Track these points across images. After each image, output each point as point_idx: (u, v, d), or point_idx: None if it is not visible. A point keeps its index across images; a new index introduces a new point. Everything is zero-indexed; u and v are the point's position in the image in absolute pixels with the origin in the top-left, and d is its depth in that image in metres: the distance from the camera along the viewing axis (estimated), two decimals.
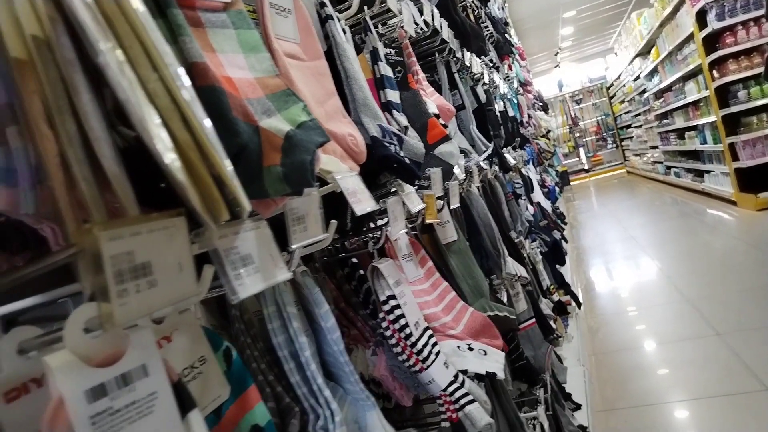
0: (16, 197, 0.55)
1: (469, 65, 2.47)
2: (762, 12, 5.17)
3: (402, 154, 0.98)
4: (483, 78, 2.93)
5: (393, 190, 0.95)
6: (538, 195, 4.39)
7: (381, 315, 0.91)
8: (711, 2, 5.97)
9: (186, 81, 0.40)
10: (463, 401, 0.87)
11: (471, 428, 0.84)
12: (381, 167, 0.95)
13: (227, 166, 0.41)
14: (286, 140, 0.56)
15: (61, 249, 0.51)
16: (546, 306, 2.93)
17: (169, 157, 0.36)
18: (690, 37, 6.71)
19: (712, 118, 6.52)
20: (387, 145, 0.93)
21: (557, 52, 13.88)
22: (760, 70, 4.92)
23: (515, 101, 4.77)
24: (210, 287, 0.53)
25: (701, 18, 6.19)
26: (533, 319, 2.33)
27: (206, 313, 0.77)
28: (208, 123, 0.41)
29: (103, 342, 0.41)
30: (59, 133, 0.42)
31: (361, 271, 1.01)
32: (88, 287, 0.43)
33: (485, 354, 1.01)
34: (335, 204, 0.83)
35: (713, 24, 5.97)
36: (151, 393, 0.43)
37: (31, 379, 0.44)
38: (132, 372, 0.42)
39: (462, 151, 1.96)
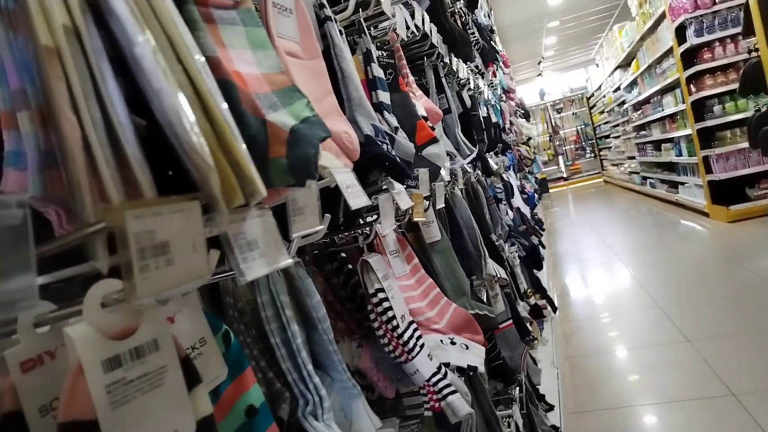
0: (25, 180, 0.57)
1: (456, 70, 2.51)
2: (739, 29, 5.33)
3: (394, 153, 1.01)
4: (469, 83, 2.98)
5: (384, 187, 0.98)
6: (518, 200, 4.47)
7: (369, 307, 0.94)
8: (690, 18, 6.14)
9: (209, 72, 0.43)
10: (445, 391, 0.90)
11: (452, 417, 0.88)
12: (373, 165, 0.98)
13: (245, 152, 0.44)
14: (291, 134, 0.59)
15: (70, 231, 0.53)
16: (523, 309, 2.99)
17: (199, 143, 0.39)
18: (669, 52, 6.89)
19: (687, 131, 6.70)
20: (380, 143, 0.96)
21: (540, 61, 14.09)
22: (736, 85, 5.09)
23: (498, 107, 4.84)
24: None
25: (681, 33, 6.36)
26: (511, 321, 2.38)
27: (200, 300, 0.79)
28: (228, 114, 0.44)
29: (118, 316, 0.44)
30: (83, 118, 0.45)
31: (350, 266, 1.04)
32: (105, 264, 0.46)
33: (467, 348, 1.05)
34: (328, 199, 0.86)
35: (692, 39, 6.14)
36: (162, 366, 0.46)
37: (45, 352, 0.46)
38: (144, 346, 0.45)
39: (447, 154, 2.01)
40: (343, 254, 1.05)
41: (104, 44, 0.44)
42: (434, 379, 0.92)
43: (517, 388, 2.13)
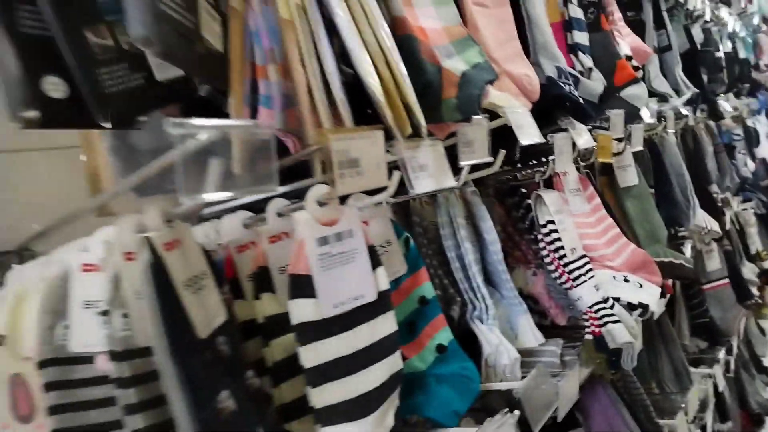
0: (273, 117, 0.79)
1: (683, 2, 2.28)
2: None
3: (576, 94, 1.06)
4: (704, 15, 2.65)
5: (564, 127, 1.04)
6: (764, 150, 3.85)
7: (539, 237, 1.04)
8: None
9: (389, 35, 0.58)
10: (606, 319, 0.97)
11: (611, 343, 0.94)
12: (554, 105, 1.05)
13: (413, 96, 0.59)
14: (462, 78, 0.71)
15: (300, 152, 0.74)
16: (750, 271, 2.68)
17: (377, 87, 0.55)
18: None
19: None
20: (562, 85, 1.02)
21: None
22: None
23: (750, 41, 4.15)
24: (396, 194, 0.72)
25: None
26: (726, 280, 2.20)
27: (394, 217, 0.98)
28: (402, 66, 0.59)
29: (327, 211, 0.63)
30: (307, 70, 0.63)
31: (528, 201, 1.13)
32: (319, 174, 0.65)
33: (641, 287, 1.08)
34: (507, 137, 0.96)
35: None
36: (354, 248, 0.64)
37: (283, 232, 0.68)
38: (343, 232, 0.64)
39: (659, 94, 1.89)
40: (523, 189, 1.15)
41: (322, 17, 0.61)
42: (596, 307, 0.98)
43: (724, 350, 1.99)
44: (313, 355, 0.60)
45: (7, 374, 0.64)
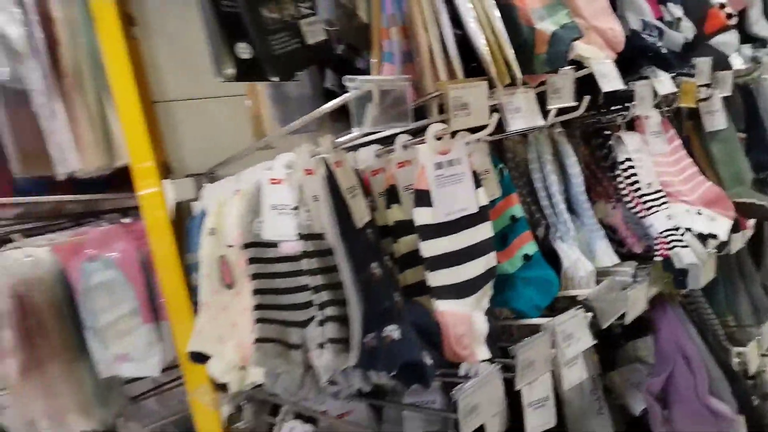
0: (394, 70, 0.99)
1: None
2: None
3: (660, 44, 1.17)
4: None
5: (645, 75, 1.17)
6: None
7: (617, 172, 1.19)
8: None
9: (494, 4, 0.76)
10: (674, 244, 1.11)
11: (678, 263, 1.09)
12: (638, 55, 1.17)
13: (512, 53, 0.77)
14: (552, 36, 0.87)
15: (417, 99, 0.95)
16: None
17: (484, 46, 0.73)
18: None
19: None
20: (645, 37, 1.14)
21: None
22: None
23: None
24: (495, 132, 0.91)
25: None
26: None
27: (491, 151, 1.17)
28: (503, 29, 0.77)
29: (442, 143, 0.84)
30: (429, 33, 0.83)
31: (611, 142, 1.28)
32: (435, 115, 0.85)
33: (713, 220, 1.20)
34: (593, 84, 1.11)
35: None
36: (462, 172, 0.85)
37: (406, 160, 0.90)
38: (454, 160, 0.84)
39: (760, 39, 1.89)
40: (607, 132, 1.28)
41: None
42: (666, 233, 1.13)
43: None
44: (429, 248, 0.82)
45: (216, 255, 0.92)
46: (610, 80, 1.03)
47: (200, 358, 0.94)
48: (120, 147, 1.15)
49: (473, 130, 0.88)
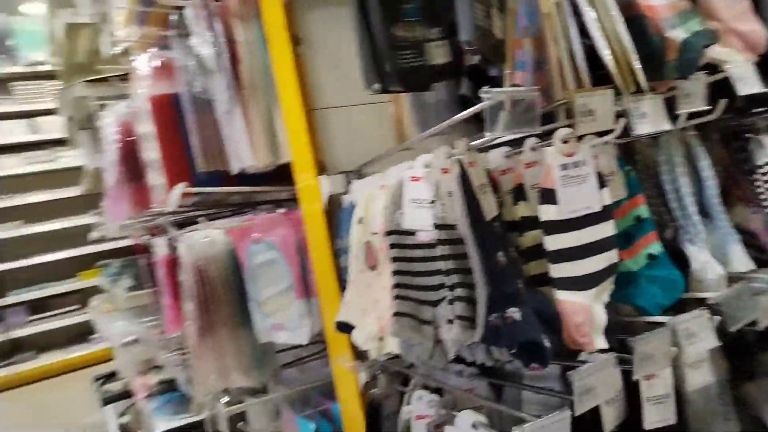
0: (525, 78, 1.07)
1: None
2: None
3: None
4: None
5: None
6: None
7: (756, 176, 1.16)
8: None
9: (620, 19, 0.83)
10: None
11: None
12: None
13: (637, 63, 0.83)
14: (682, 44, 0.91)
15: (546, 105, 1.02)
16: None
17: (610, 57, 0.80)
18: None
19: None
20: None
21: None
22: None
23: None
24: (622, 136, 0.96)
25: None
26: None
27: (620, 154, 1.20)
28: (628, 40, 0.83)
29: (568, 146, 0.91)
30: (558, 46, 0.91)
31: (750, 145, 1.24)
32: (563, 120, 0.93)
33: None
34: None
35: None
36: (586, 173, 0.92)
37: (533, 162, 0.98)
38: (579, 161, 0.91)
39: None
40: (749, 135, 1.25)
41: (571, 10, 0.88)
42: None
43: None
44: (553, 242, 0.90)
45: (363, 241, 1.08)
46: (748, 83, 1.03)
47: (346, 328, 1.10)
48: (284, 147, 1.36)
49: (601, 134, 0.94)
